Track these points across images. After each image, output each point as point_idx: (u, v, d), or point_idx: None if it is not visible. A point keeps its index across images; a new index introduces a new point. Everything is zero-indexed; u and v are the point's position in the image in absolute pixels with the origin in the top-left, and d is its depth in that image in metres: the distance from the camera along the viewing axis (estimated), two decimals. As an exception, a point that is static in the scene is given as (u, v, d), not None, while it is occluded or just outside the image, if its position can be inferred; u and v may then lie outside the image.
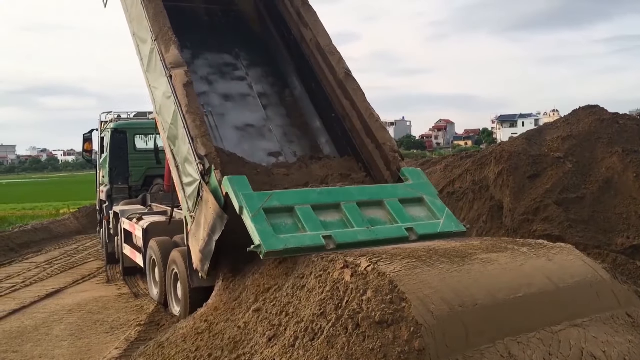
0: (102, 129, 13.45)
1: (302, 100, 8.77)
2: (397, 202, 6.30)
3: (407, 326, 3.45)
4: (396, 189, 6.58)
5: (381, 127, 7.44)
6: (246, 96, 8.70)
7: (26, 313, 8.55)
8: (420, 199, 6.52)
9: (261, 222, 5.46)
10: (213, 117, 8.11)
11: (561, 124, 12.65)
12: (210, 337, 4.87)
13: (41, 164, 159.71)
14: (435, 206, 6.47)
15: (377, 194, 6.38)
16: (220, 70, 8.93)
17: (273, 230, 5.40)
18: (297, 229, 5.58)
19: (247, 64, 9.15)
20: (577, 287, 4.31)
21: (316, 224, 5.66)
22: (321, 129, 8.45)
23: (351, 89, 7.67)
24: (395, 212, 6.16)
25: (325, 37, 8.16)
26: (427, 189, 6.66)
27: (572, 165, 10.34)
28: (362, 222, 5.87)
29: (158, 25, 7.41)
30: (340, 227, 5.77)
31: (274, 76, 9.09)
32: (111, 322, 7.85)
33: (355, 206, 6.06)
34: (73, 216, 20.56)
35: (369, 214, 6.07)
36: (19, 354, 6.60)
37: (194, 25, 9.27)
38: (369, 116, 7.46)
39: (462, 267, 4.11)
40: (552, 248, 4.82)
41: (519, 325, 3.80)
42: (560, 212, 9.34)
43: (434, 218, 6.30)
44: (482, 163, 13.27)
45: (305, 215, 5.70)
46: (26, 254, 14.71)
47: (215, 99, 8.50)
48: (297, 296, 4.32)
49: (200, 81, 8.54)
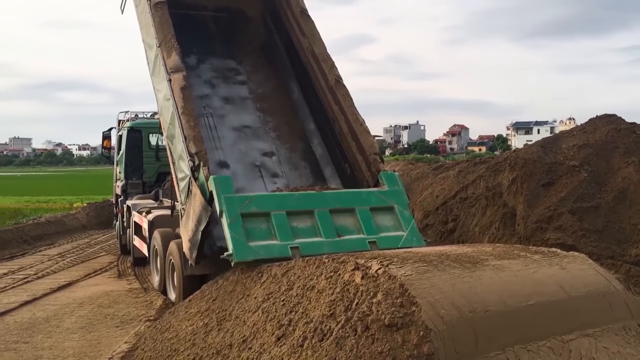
0: (119, 127, 14.04)
1: (298, 104, 9.25)
2: (367, 211, 6.89)
3: (417, 330, 3.44)
4: (370, 197, 7.11)
5: (364, 131, 7.93)
6: (246, 99, 9.20)
7: (38, 305, 8.63)
8: (391, 207, 7.08)
9: (236, 229, 6.15)
10: (213, 119, 8.68)
11: (577, 132, 12.55)
12: (219, 334, 4.88)
13: (56, 158, 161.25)
14: (403, 217, 7.04)
15: (350, 202, 6.96)
16: (223, 75, 9.42)
17: (247, 236, 6.12)
18: (270, 236, 6.27)
19: (250, 69, 9.64)
20: (590, 296, 4.27)
21: (287, 232, 6.34)
22: (314, 131, 8.96)
23: (340, 94, 8.17)
24: (363, 222, 6.78)
25: (321, 45, 8.64)
26: (399, 198, 7.21)
27: (587, 174, 10.25)
28: (330, 231, 6.57)
29: (162, 33, 7.97)
30: (310, 234, 6.48)
31: (274, 80, 9.56)
32: (121, 316, 7.90)
33: (327, 214, 6.71)
34: (83, 211, 20.67)
35: (340, 221, 6.74)
36: (29, 345, 6.66)
37: (202, 31, 9.82)
38: (354, 120, 7.97)
39: (473, 272, 4.09)
40: (565, 257, 4.78)
41: (529, 333, 3.78)
42: (574, 221, 9.25)
43: (399, 229, 6.90)
44: (496, 169, 13.19)
45: (279, 223, 6.38)
46: (39, 246, 14.86)
47: (217, 102, 9.01)
48: (307, 296, 4.32)
49: (203, 84, 9.12)
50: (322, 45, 8.67)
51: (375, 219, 6.95)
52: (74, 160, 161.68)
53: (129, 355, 5.96)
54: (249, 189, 7.84)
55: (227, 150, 8.51)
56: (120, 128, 13.88)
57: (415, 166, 32.20)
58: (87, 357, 6.22)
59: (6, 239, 14.59)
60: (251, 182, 8.26)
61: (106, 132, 14.97)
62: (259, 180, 8.39)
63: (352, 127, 8.05)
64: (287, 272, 4.99)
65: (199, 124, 7.93)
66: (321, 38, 8.73)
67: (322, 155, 8.79)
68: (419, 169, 27.09)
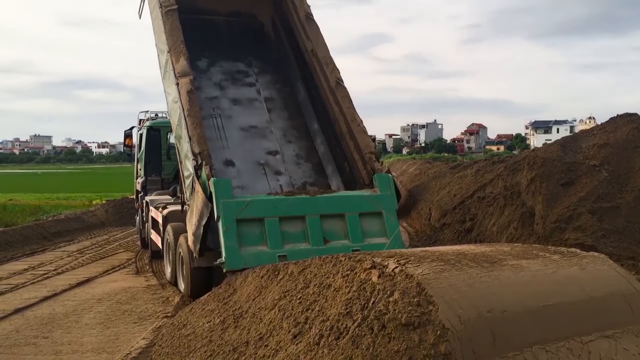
0: (140, 126, 14.53)
1: (304, 105, 9.63)
2: (356, 217, 7.50)
3: (434, 329, 3.42)
4: (361, 202, 7.66)
5: (361, 131, 8.29)
6: (253, 100, 9.61)
7: (57, 300, 8.75)
8: (379, 213, 7.63)
9: (230, 237, 6.82)
10: (221, 119, 9.10)
11: (597, 132, 12.42)
12: (236, 331, 4.90)
13: (76, 155, 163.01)
14: (389, 223, 7.58)
15: (341, 207, 7.56)
16: (233, 77, 9.84)
17: (240, 241, 6.82)
18: (261, 242, 6.99)
19: (258, 71, 10.06)
20: (610, 297, 4.21)
21: (277, 240, 7.04)
22: (318, 131, 9.34)
23: (340, 96, 8.54)
24: (351, 228, 7.43)
25: (324, 48, 8.99)
26: (389, 203, 7.69)
27: (607, 173, 10.14)
28: (318, 238, 7.26)
29: (172, 39, 8.39)
30: (299, 240, 7.17)
31: (282, 82, 9.97)
32: (139, 312, 7.97)
33: (317, 220, 7.34)
34: (102, 208, 20.87)
35: (329, 226, 7.41)
36: (49, 340, 6.74)
37: (214, 35, 10.26)
38: (352, 120, 8.35)
39: (491, 272, 4.06)
40: (584, 257, 4.72)
41: (548, 333, 3.74)
42: (594, 221, 9.16)
43: (384, 235, 7.48)
44: (514, 168, 13.09)
45: (271, 229, 7.05)
46: (59, 243, 15.05)
47: (225, 103, 9.43)
48: (323, 295, 4.31)
49: (213, 87, 9.56)
50: (325, 48, 8.98)
51: (362, 224, 7.53)
52: (93, 158, 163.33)
53: (146, 351, 6.01)
54: (252, 186, 8.36)
55: (233, 149, 8.90)
56: (141, 127, 14.32)
57: (432, 165, 32.09)
58: (106, 352, 6.28)
59: (26, 235, 14.80)
60: (255, 179, 8.65)
61: (128, 131, 15.47)
62: (262, 177, 8.76)
63: (350, 127, 8.37)
64: (303, 270, 4.99)
65: (208, 125, 8.72)
66: (324, 41, 9.05)
67: (325, 154, 9.16)
68: (437, 168, 27.00)
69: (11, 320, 7.62)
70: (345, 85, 8.64)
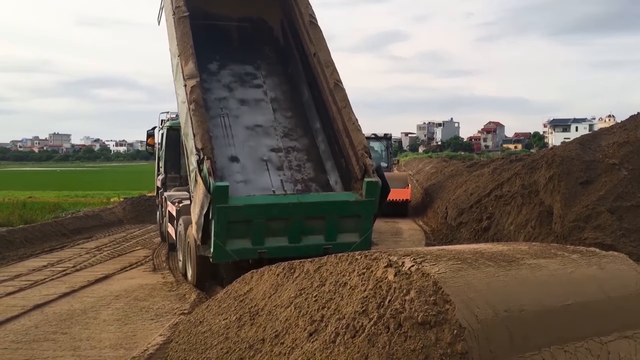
0: (161, 126, 15.06)
1: (307, 105, 10.06)
2: (335, 219, 8.27)
3: (450, 328, 3.40)
4: (344, 207, 8.33)
5: (356, 129, 8.74)
6: (260, 101, 10.09)
7: (76, 297, 8.84)
8: (358, 216, 8.35)
9: (221, 237, 7.79)
10: (228, 119, 9.61)
11: (617, 130, 12.26)
12: (252, 328, 4.92)
13: (94, 153, 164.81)
14: (364, 225, 8.36)
15: (325, 211, 8.26)
16: (241, 79, 10.33)
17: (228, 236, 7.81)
18: (245, 237, 7.96)
19: (266, 73, 10.53)
20: (629, 297, 4.15)
21: (260, 237, 8.00)
22: (319, 130, 9.77)
23: (338, 96, 8.96)
24: (327, 228, 8.27)
25: (325, 52, 9.41)
26: (369, 209, 8.31)
27: (627, 172, 10.00)
28: (296, 236, 8.17)
29: (183, 44, 8.89)
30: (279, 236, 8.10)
31: (288, 84, 10.43)
32: (156, 309, 8.03)
33: (299, 221, 8.14)
34: (120, 205, 21.04)
35: (308, 225, 8.21)
36: (67, 336, 6.82)
37: (225, 39, 10.78)
38: (347, 120, 8.79)
39: (508, 271, 4.02)
40: (604, 256, 4.66)
41: (566, 333, 3.70)
42: (613, 221, 9.04)
43: (356, 236, 8.34)
44: (532, 167, 12.97)
45: (256, 229, 7.96)
46: (77, 240, 15.21)
47: (233, 103, 9.93)
48: (339, 293, 4.31)
49: (222, 88, 10.07)
50: (326, 52, 9.41)
51: (339, 225, 8.32)
52: (111, 156, 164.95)
53: (163, 348, 6.06)
54: (255, 181, 8.96)
55: (238, 146, 9.39)
56: (162, 127, 14.80)
57: (449, 163, 31.95)
58: (123, 348, 6.33)
59: (46, 232, 14.99)
60: (258, 174, 9.15)
61: (150, 131, 16.24)
62: (265, 173, 9.20)
63: (346, 126, 8.82)
64: (319, 268, 4.98)
65: (216, 124, 9.38)
66: (326, 45, 9.48)
67: (325, 151, 9.61)
68: (453, 167, 26.90)
69: (30, 316, 7.72)
70: (343, 87, 9.08)
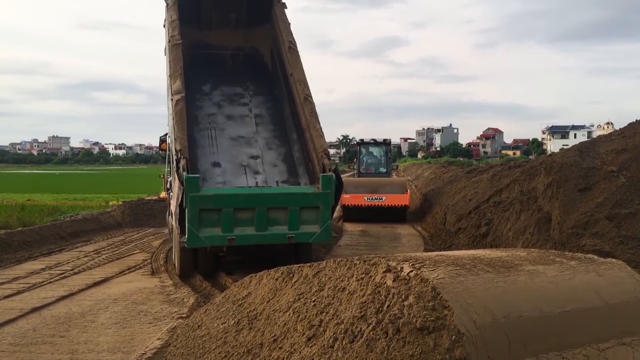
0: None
1: (287, 119, 11.44)
2: (296, 210, 9.30)
3: (449, 334, 3.40)
4: (303, 198, 9.43)
5: (318, 135, 10.01)
6: (245, 116, 11.47)
7: (74, 300, 8.84)
8: (317, 207, 9.36)
9: (194, 224, 8.86)
10: (215, 131, 10.97)
11: (616, 137, 12.29)
12: (250, 333, 4.92)
13: (93, 157, 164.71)
14: (323, 216, 9.39)
15: (286, 202, 9.34)
16: (230, 98, 11.77)
17: (200, 224, 8.88)
18: (216, 225, 9.01)
19: (253, 93, 11.99)
20: (628, 304, 4.16)
21: (229, 225, 9.05)
22: (295, 140, 11.06)
23: (307, 108, 10.32)
24: (290, 218, 9.29)
25: (300, 71, 10.80)
26: (326, 200, 9.37)
27: (625, 179, 10.02)
28: (262, 225, 9.23)
29: (174, 66, 10.25)
30: (246, 225, 9.17)
31: (272, 102, 11.88)
32: (154, 313, 8.03)
33: (264, 211, 9.21)
34: (118, 209, 21.01)
35: (273, 215, 9.29)
36: (65, 339, 6.81)
37: (220, 65, 12.33)
38: (312, 128, 10.09)
39: (507, 277, 4.03)
40: (602, 263, 4.67)
41: (564, 340, 3.70)
42: (612, 228, 9.04)
43: (317, 226, 9.39)
44: (531, 173, 12.99)
45: (225, 217, 9.02)
46: (76, 243, 15.20)
47: (221, 119, 11.32)
48: (338, 297, 4.32)
49: (212, 106, 11.53)
50: (301, 72, 10.78)
51: (301, 215, 9.34)
52: (110, 159, 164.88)
53: (161, 352, 6.06)
54: (233, 182, 10.15)
55: (221, 154, 10.72)
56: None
57: (447, 169, 31.96)
58: (121, 352, 6.33)
59: (44, 235, 14.97)
60: (236, 177, 10.35)
61: (162, 137, 16.91)
62: (242, 176, 10.43)
63: (311, 133, 10.08)
64: (318, 272, 4.99)
65: (203, 135, 10.82)
66: (302, 66, 10.88)
67: (298, 158, 10.86)
68: (452, 172, 26.92)
69: (28, 319, 7.71)
70: (312, 101, 10.45)
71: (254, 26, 12.45)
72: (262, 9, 12.15)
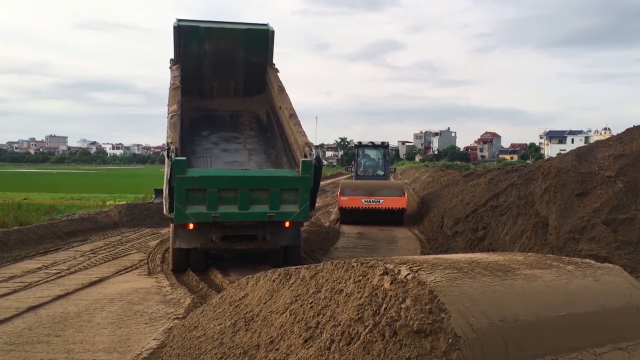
0: None
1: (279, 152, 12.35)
2: (277, 192, 10.06)
3: (446, 337, 3.41)
4: (284, 181, 10.20)
5: (302, 136, 10.87)
6: (239, 150, 12.62)
7: (70, 299, 8.82)
8: (296, 189, 10.13)
9: (180, 202, 9.72)
10: (210, 158, 12.06)
11: (613, 142, 12.33)
12: (247, 334, 4.91)
13: (90, 156, 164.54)
14: (302, 197, 10.14)
15: (267, 184, 10.10)
16: (227, 140, 12.99)
17: (187, 201, 9.75)
18: (202, 203, 9.83)
19: (248, 134, 13.24)
20: (624, 309, 4.17)
21: (214, 203, 9.86)
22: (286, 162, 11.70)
23: (292, 122, 11.38)
24: (271, 199, 10.04)
25: (287, 103, 12.03)
26: (305, 183, 10.11)
27: (622, 184, 10.05)
28: (245, 204, 9.98)
29: (173, 98, 11.79)
30: (230, 203, 9.95)
31: (266, 141, 12.99)
32: (150, 313, 8.01)
33: (246, 192, 9.96)
34: (115, 209, 20.94)
35: (255, 195, 10.05)
36: (61, 339, 6.80)
37: (220, 122, 13.61)
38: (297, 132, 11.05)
39: (504, 281, 4.04)
40: (598, 268, 4.68)
41: (561, 344, 3.71)
42: (609, 233, 9.07)
43: (296, 206, 10.15)
44: (528, 178, 13.03)
45: (210, 196, 9.84)
46: (72, 242, 15.15)
47: (217, 152, 12.45)
48: (335, 300, 4.32)
49: (210, 144, 12.74)
50: (288, 102, 12.01)
51: (281, 196, 10.08)
52: (108, 159, 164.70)
53: (157, 352, 6.05)
54: None
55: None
56: None
57: (445, 173, 31.96)
58: (117, 352, 6.32)
59: (40, 234, 14.93)
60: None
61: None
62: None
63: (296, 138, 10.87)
64: (315, 274, 4.99)
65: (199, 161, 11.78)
66: (289, 99, 12.19)
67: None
68: (449, 176, 26.95)
69: (24, 318, 7.70)
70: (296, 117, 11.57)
71: (251, 96, 14.08)
72: (257, 77, 13.73)
